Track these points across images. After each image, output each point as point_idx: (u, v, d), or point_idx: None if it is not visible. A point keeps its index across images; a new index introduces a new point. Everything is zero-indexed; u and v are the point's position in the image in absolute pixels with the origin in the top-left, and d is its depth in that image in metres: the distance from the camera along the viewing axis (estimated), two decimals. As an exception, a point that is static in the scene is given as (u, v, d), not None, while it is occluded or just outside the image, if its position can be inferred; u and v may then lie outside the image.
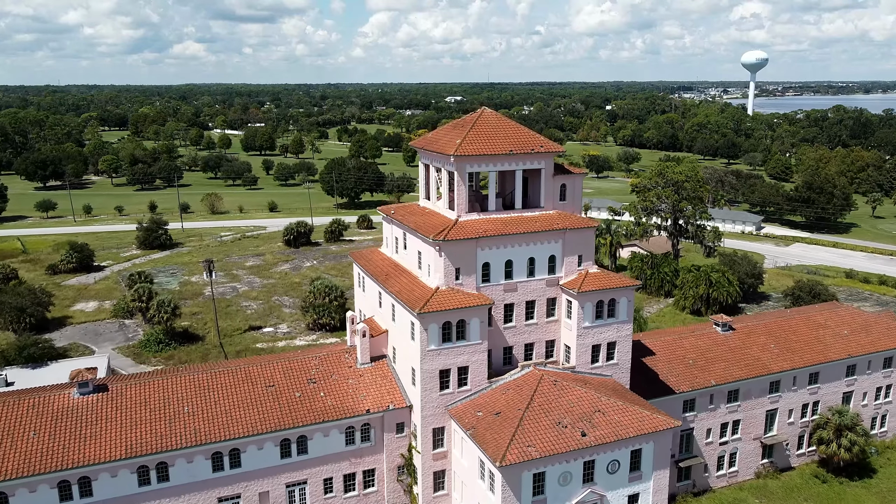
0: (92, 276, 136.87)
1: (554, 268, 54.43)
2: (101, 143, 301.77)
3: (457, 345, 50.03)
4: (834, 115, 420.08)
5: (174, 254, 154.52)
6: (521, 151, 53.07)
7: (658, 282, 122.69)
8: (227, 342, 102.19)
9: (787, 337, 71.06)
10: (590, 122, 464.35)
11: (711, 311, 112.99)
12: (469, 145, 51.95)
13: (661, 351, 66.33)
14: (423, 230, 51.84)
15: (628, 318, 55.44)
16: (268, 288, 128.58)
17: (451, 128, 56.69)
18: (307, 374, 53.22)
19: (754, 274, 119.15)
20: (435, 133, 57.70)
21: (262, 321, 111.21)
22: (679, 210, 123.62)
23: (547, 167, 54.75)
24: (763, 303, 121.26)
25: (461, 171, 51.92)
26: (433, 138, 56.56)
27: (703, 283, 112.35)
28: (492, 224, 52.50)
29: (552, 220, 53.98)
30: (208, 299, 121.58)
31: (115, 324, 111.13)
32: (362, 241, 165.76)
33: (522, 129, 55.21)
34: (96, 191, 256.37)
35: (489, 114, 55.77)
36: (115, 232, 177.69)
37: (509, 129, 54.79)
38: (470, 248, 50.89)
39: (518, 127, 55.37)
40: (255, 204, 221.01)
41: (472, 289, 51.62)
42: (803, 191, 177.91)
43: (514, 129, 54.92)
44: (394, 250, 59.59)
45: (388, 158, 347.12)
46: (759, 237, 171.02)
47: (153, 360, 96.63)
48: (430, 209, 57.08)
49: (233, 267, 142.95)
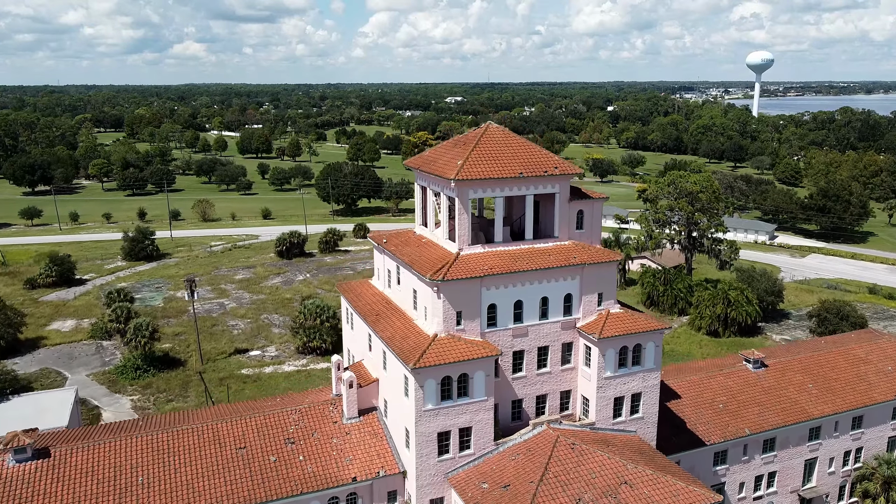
0: (72, 290, 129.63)
1: (570, 308, 47.14)
2: (92, 147, 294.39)
3: (458, 403, 42.75)
4: (841, 117, 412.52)
5: (161, 266, 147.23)
6: (532, 174, 45.78)
7: (671, 299, 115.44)
8: (210, 368, 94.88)
9: (825, 374, 63.77)
10: (592, 124, 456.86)
11: (730, 331, 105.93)
12: (472, 167, 44.64)
13: (687, 392, 59.09)
14: (418, 266, 44.53)
15: (656, 365, 48.16)
16: (257, 305, 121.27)
17: (451, 145, 49.37)
18: (285, 433, 45.90)
19: (774, 291, 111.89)
20: (433, 151, 50.38)
21: (248, 343, 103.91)
22: (693, 223, 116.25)
23: (562, 191, 47.45)
24: (783, 322, 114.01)
25: (463, 198, 44.64)
26: (431, 158, 49.25)
27: (720, 303, 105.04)
28: (498, 259, 45.19)
29: (568, 253, 46.66)
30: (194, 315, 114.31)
31: (92, 345, 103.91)
32: (358, 252, 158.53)
33: (533, 147, 47.88)
34: (86, 196, 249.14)
35: (495, 129, 48.46)
36: (100, 241, 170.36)
37: (518, 148, 47.47)
38: (473, 289, 43.60)
39: (528, 145, 48.04)
40: (249, 210, 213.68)
41: (476, 335, 44.34)
42: (818, 199, 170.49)
43: (523, 148, 47.59)
44: (386, 283, 52.33)
45: (387, 161, 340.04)
46: (774, 248, 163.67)
47: (129, 388, 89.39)
48: (427, 238, 49.76)
49: (221, 281, 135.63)
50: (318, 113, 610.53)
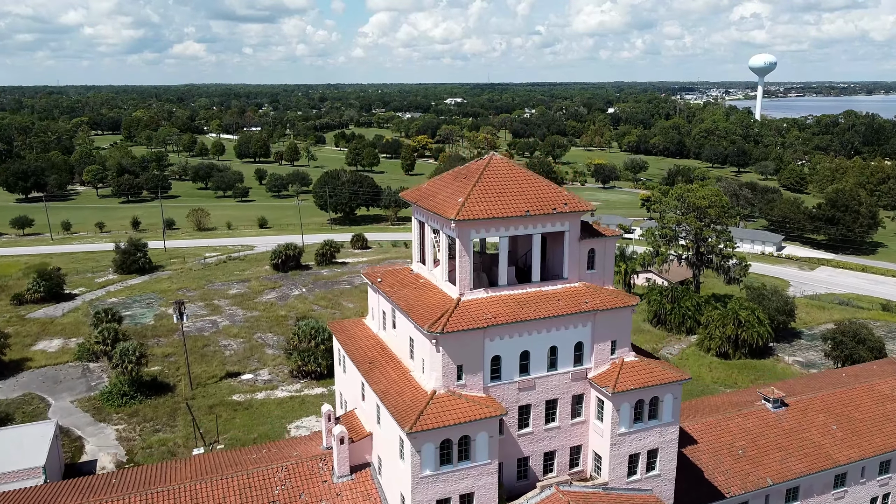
0: (60, 306, 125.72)
1: (581, 357, 43.28)
2: (87, 152, 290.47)
3: (459, 468, 38.84)
4: (845, 121, 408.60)
5: (153, 279, 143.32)
6: (539, 212, 41.91)
7: (679, 317, 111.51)
8: (199, 394, 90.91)
9: (849, 414, 59.89)
10: (593, 128, 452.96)
11: (740, 353, 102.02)
12: (474, 206, 40.74)
13: (704, 437, 55.23)
14: (416, 315, 40.63)
15: (674, 418, 44.27)
16: (250, 323, 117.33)
17: (451, 178, 45.48)
18: (270, 495, 41.98)
19: (786, 311, 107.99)
20: (432, 184, 46.48)
21: (241, 365, 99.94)
22: (702, 239, 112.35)
23: (572, 229, 43.57)
24: (795, 341, 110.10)
25: (464, 239, 40.74)
26: (429, 191, 45.35)
27: (730, 323, 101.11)
28: (503, 305, 41.30)
29: (579, 297, 42.78)
30: (185, 334, 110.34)
31: (79, 368, 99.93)
32: (356, 264, 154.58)
33: (540, 181, 44.00)
34: (80, 202, 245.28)
35: (499, 162, 44.56)
36: (92, 252, 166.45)
37: (524, 182, 43.57)
38: (475, 341, 39.71)
39: (534, 179, 44.17)
40: (245, 218, 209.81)
41: (479, 389, 40.45)
42: (826, 209, 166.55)
43: (530, 183, 43.71)
44: (381, 325, 48.42)
45: (386, 166, 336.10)
46: (781, 260, 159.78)
47: (115, 416, 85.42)
48: (424, 279, 45.85)
49: (215, 296, 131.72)
50: (317, 115, 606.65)
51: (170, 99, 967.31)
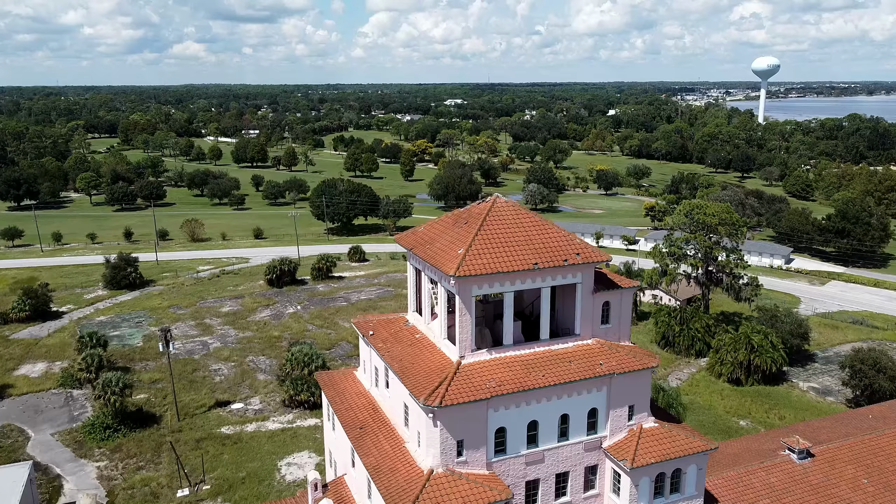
0: (46, 326, 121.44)
1: (595, 424, 38.95)
2: (82, 158, 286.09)
3: (459, 558, 34.42)
4: (849, 125, 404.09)
5: (144, 295, 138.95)
6: (549, 264, 37.51)
7: (688, 340, 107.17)
8: (187, 425, 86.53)
9: (880, 465, 55.49)
10: (595, 131, 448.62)
11: (753, 380, 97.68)
12: (476, 259, 36.37)
13: (726, 494, 50.70)
14: (411, 381, 36.27)
15: (698, 491, 39.97)
16: (243, 344, 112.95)
17: (451, 222, 41.08)
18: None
19: (800, 334, 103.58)
20: (429, 228, 42.10)
21: (231, 393, 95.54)
22: (712, 258, 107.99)
23: (585, 281, 39.21)
24: (809, 365, 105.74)
25: (465, 295, 36.38)
26: (426, 237, 40.95)
27: (742, 348, 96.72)
28: (509, 369, 36.95)
29: (593, 359, 38.42)
30: (173, 358, 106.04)
31: (62, 395, 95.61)
32: (353, 279, 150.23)
33: (549, 227, 39.64)
34: (73, 210, 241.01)
35: (503, 205, 40.19)
36: (83, 266, 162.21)
37: (531, 229, 39.20)
38: (478, 413, 35.37)
39: (542, 225, 39.80)
40: (241, 228, 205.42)
41: (482, 466, 36.09)
42: (836, 220, 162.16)
43: (537, 229, 39.33)
44: (373, 381, 44.06)
45: (386, 171, 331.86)
46: (791, 273, 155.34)
47: (97, 451, 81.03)
48: (421, 333, 41.47)
49: (206, 314, 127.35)
50: (315, 118, 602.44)
51: (168, 100, 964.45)
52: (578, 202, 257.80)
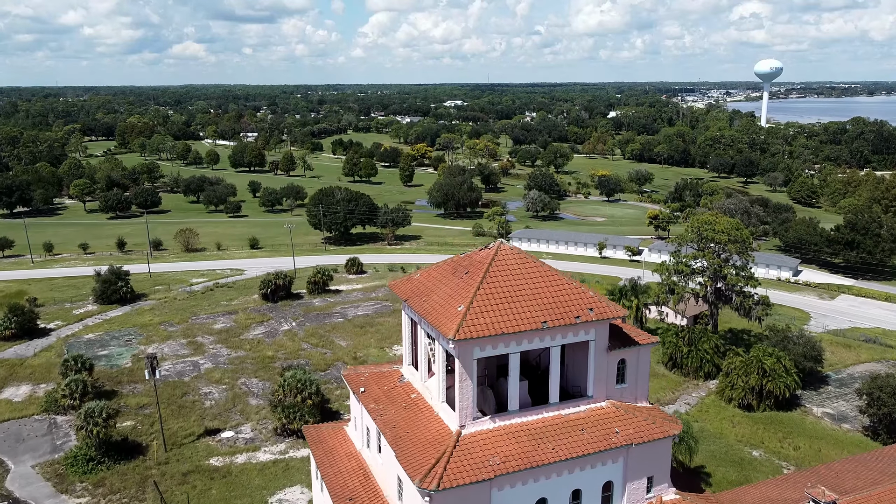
0: (32, 345, 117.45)
1: (610, 498, 35.16)
2: (76, 163, 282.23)
3: None
4: (853, 128, 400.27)
5: (135, 311, 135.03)
6: (559, 323, 33.59)
7: (696, 361, 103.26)
8: (174, 456, 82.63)
9: (912, 518, 51.61)
10: (596, 134, 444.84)
11: (765, 405, 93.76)
12: (478, 319, 32.52)
13: (747, 555, 46.97)
14: (405, 456, 32.42)
15: (724, 571, 36.00)
16: (235, 365, 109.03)
17: (450, 270, 37.22)
18: None
19: (813, 356, 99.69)
20: (426, 275, 38.22)
21: (221, 420, 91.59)
22: (721, 276, 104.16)
23: (598, 339, 35.37)
24: (821, 388, 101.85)
25: (466, 359, 32.54)
26: (423, 286, 37.08)
27: (754, 372, 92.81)
28: (515, 441, 33.09)
29: (608, 425, 34.59)
30: (162, 380, 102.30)
31: (45, 422, 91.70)
32: (350, 292, 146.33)
33: (558, 278, 35.81)
34: (66, 218, 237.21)
35: (507, 253, 36.35)
36: (73, 278, 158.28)
37: (539, 280, 35.36)
38: (480, 496, 31.51)
39: (551, 275, 35.97)
40: (237, 236, 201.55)
41: (484, 551, 32.20)
42: (846, 232, 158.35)
43: (545, 281, 35.49)
44: (364, 441, 40.20)
45: (385, 176, 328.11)
46: (799, 286, 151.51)
47: (79, 485, 77.14)
48: (417, 394, 37.63)
49: (198, 331, 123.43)
50: (314, 120, 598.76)
51: (167, 102, 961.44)
52: (580, 209, 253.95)
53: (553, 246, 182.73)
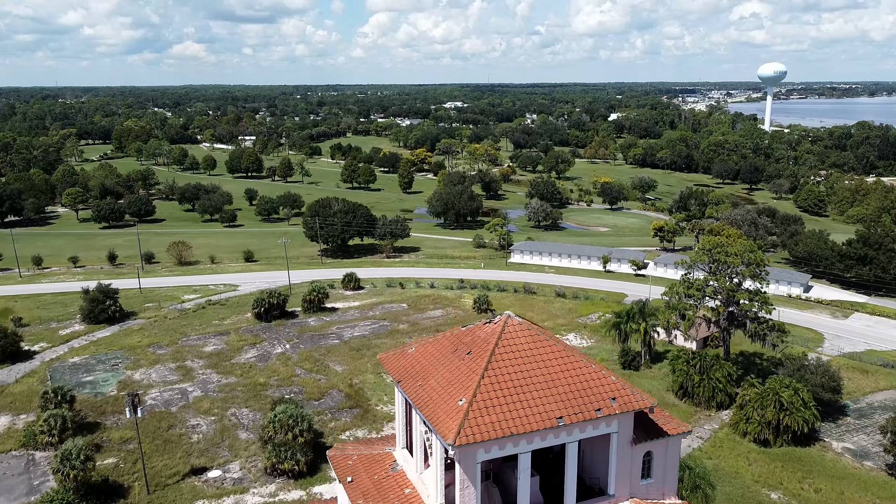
0: (15, 370, 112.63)
1: None
2: (69, 170, 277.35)
3: None
4: (858, 132, 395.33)
5: (123, 331, 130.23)
6: (578, 419, 28.73)
7: (708, 391, 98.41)
8: (157, 499, 77.86)
9: None
10: (597, 138, 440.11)
11: (782, 440, 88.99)
12: (482, 418, 27.71)
13: None
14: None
15: None
16: (225, 393, 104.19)
17: (450, 348, 32.38)
18: None
19: (832, 387, 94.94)
20: (422, 351, 33.38)
21: (208, 457, 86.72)
22: (735, 302, 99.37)
23: (622, 431, 30.59)
24: (840, 420, 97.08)
25: (468, 464, 27.75)
26: (418, 365, 32.24)
27: (771, 406, 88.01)
28: (525, 558, 28.14)
29: (633, 533, 29.63)
30: (148, 410, 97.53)
31: (23, 458, 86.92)
32: (346, 310, 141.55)
33: (574, 357, 31.00)
34: (58, 228, 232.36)
35: (515, 330, 31.53)
36: (62, 294, 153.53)
37: (552, 362, 30.55)
38: None
39: (566, 355, 31.13)
40: (232, 248, 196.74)
41: None
42: (858, 247, 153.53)
43: (560, 362, 30.67)
44: (354, 534, 35.14)
45: (384, 182, 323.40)
46: (810, 304, 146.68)
47: (55, 534, 72.45)
48: (411, 488, 32.82)
49: (188, 354, 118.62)
50: (313, 123, 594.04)
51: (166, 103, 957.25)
52: (583, 218, 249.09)
53: (556, 259, 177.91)
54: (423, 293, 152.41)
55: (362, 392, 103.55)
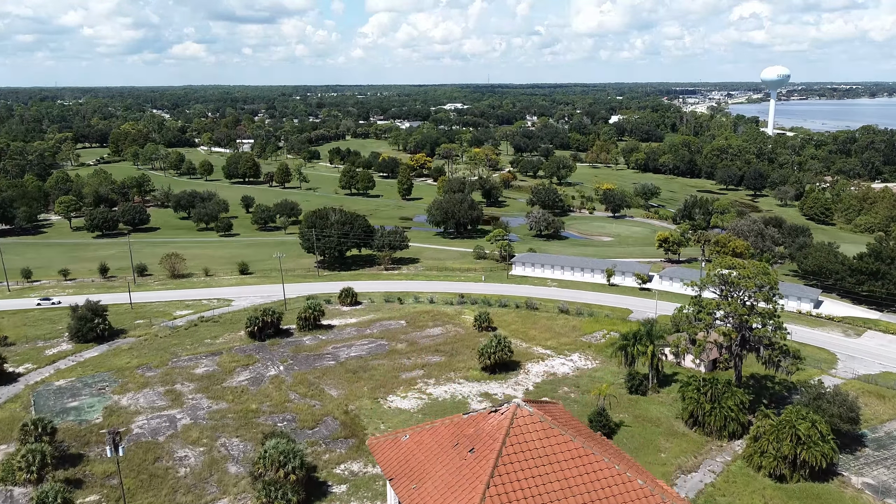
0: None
1: None
2: (63, 177, 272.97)
3: None
4: (862, 137, 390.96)
5: (112, 351, 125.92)
6: (600, 536, 24.28)
7: (720, 420, 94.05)
8: (139, 543, 73.53)
9: None
10: (599, 142, 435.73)
11: (799, 475, 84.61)
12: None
13: None
14: None
15: None
16: (215, 420, 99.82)
17: (450, 441, 27.80)
18: None
19: (850, 418, 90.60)
20: (418, 442, 28.81)
21: (195, 493, 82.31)
22: (748, 327, 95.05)
23: (649, 543, 25.97)
24: (858, 451, 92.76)
25: None
26: (412, 462, 27.68)
27: (787, 439, 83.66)
28: None
29: None
30: (134, 441, 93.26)
31: (1, 493, 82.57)
32: (343, 328, 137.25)
33: (593, 460, 26.48)
34: (50, 237, 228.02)
35: (525, 423, 26.97)
36: (51, 310, 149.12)
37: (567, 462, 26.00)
38: None
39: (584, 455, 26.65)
40: (226, 259, 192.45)
41: None
42: (870, 262, 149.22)
43: (575, 462, 26.16)
44: None
45: (383, 188, 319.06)
46: (821, 321, 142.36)
47: (29, 583, 68.17)
48: None
49: (178, 377, 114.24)
50: (312, 125, 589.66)
51: (164, 104, 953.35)
52: (585, 227, 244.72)
53: (558, 272, 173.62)
54: (422, 309, 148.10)
55: (358, 420, 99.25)
